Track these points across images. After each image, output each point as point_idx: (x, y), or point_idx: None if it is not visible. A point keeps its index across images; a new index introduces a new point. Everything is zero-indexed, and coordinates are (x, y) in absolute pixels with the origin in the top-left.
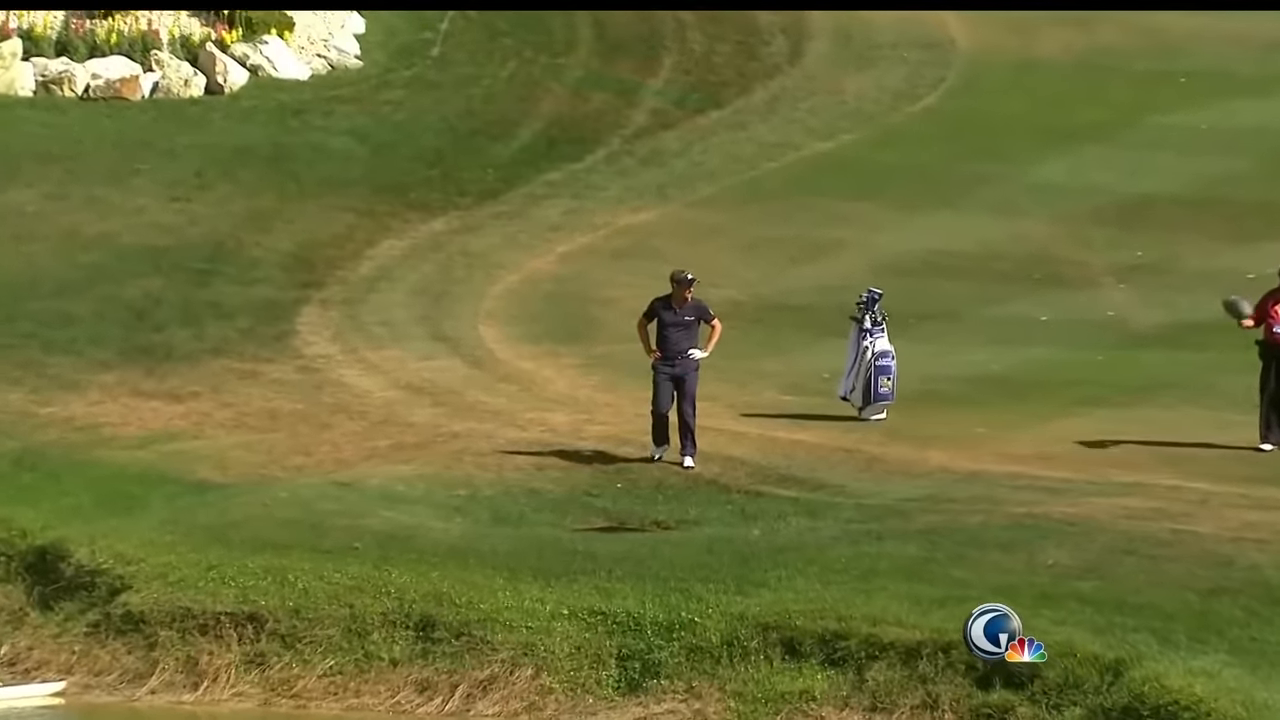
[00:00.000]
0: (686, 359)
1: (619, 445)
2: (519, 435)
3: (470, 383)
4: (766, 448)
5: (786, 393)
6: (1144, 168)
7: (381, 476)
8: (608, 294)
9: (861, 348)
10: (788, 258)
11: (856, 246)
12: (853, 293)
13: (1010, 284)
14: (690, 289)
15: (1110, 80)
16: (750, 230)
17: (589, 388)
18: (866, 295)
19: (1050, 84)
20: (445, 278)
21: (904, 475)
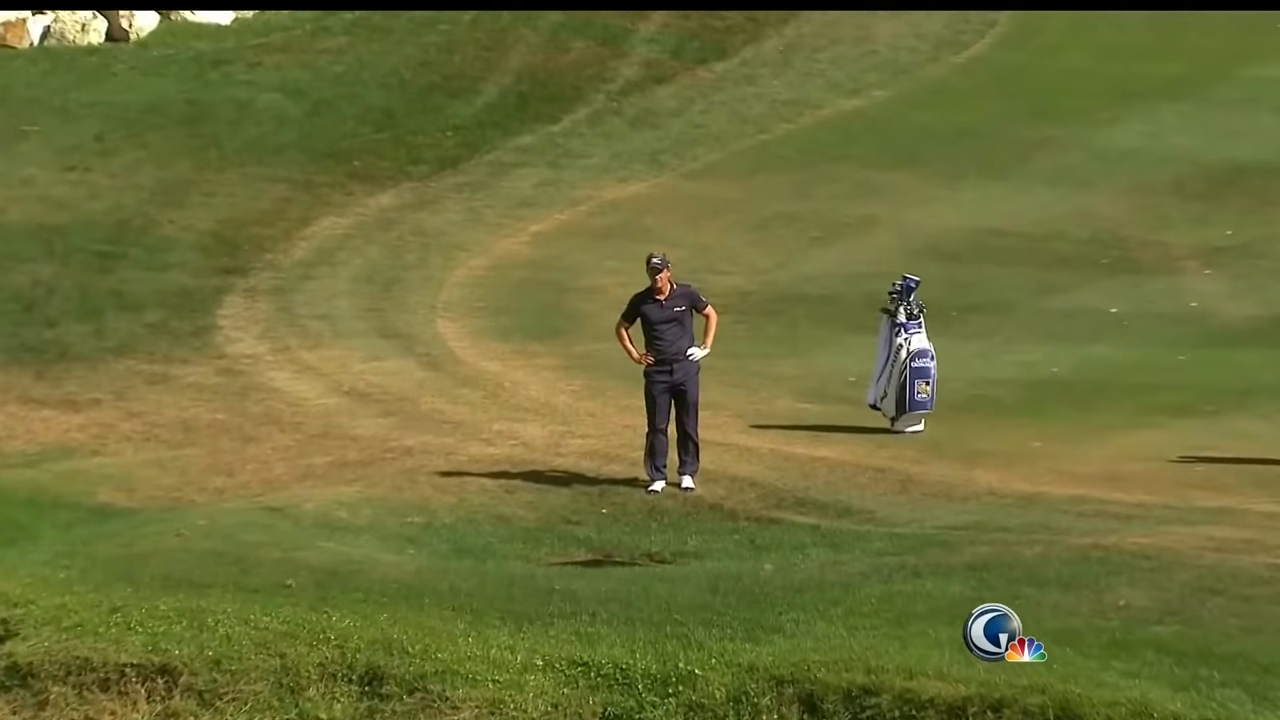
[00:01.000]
0: (686, 361)
1: (604, 463)
2: (484, 451)
3: (426, 388)
4: (781, 466)
5: (805, 400)
6: (1234, 130)
7: (319, 500)
8: (590, 282)
9: (894, 346)
10: (806, 238)
11: (889, 225)
12: (884, 280)
13: (1073, 270)
14: (667, 274)
15: (1191, 27)
16: (761, 205)
17: (568, 394)
18: (901, 283)
19: (1120, 32)
20: (396, 262)
21: (945, 499)
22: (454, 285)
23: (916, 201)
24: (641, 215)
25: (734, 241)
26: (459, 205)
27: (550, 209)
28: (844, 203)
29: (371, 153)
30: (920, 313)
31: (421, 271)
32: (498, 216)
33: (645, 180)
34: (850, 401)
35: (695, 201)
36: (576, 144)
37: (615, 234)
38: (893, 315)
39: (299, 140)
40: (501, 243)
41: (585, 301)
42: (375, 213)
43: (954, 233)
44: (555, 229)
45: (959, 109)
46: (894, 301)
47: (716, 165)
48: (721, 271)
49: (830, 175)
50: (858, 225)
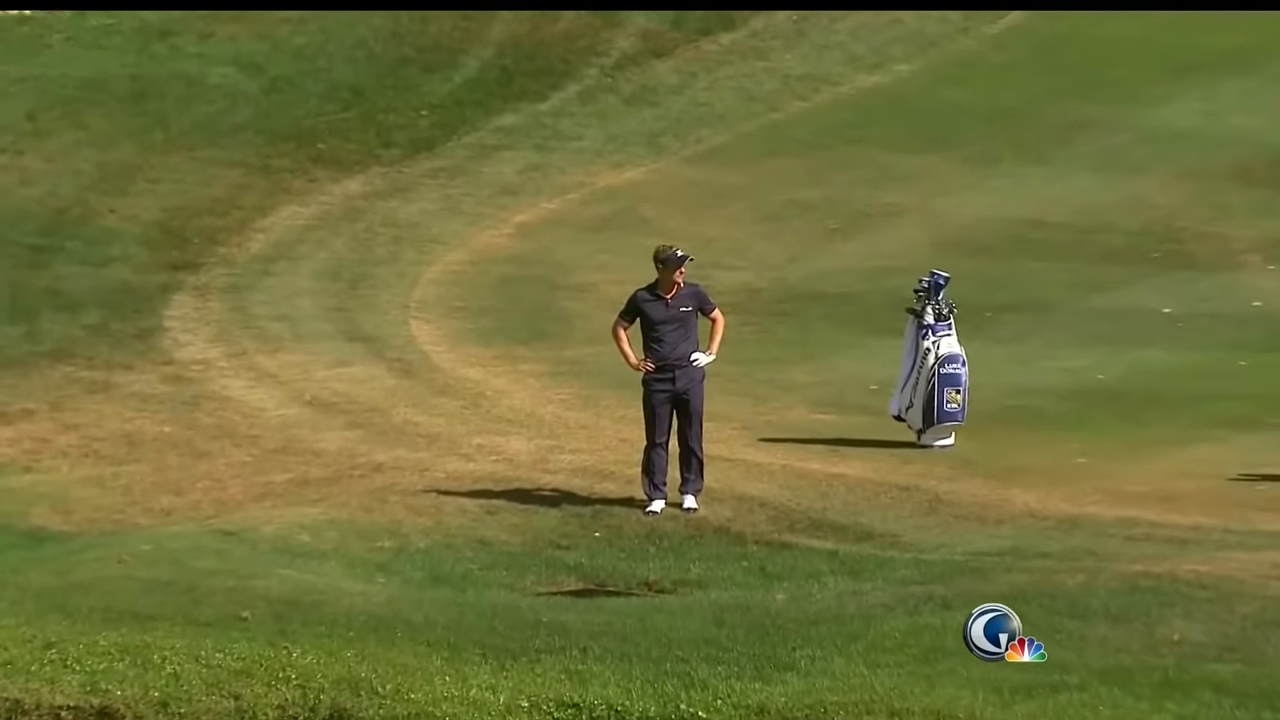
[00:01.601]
0: (690, 367)
1: (597, 481)
2: (463, 467)
3: (398, 397)
4: (794, 484)
5: (820, 410)
6: None
7: (278, 523)
8: (581, 278)
9: (922, 350)
10: (822, 230)
11: (915, 215)
12: (910, 277)
13: (1122, 265)
14: (682, 271)
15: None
16: (772, 193)
17: (557, 404)
18: (929, 280)
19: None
20: (364, 256)
21: (978, 521)
22: (429, 282)
23: (946, 189)
24: (639, 204)
25: (741, 233)
26: (435, 193)
27: (537, 197)
28: (864, 190)
29: (337, 134)
30: (950, 313)
31: (393, 267)
32: (478, 206)
33: (643, 165)
34: (872, 412)
35: (698, 189)
36: (566, 125)
37: (609, 225)
38: (919, 316)
39: (255, 120)
40: (482, 235)
41: (576, 301)
42: (341, 201)
43: (988, 223)
44: (542, 220)
45: (993, 85)
46: (921, 300)
47: (722, 148)
48: (728, 267)
49: (849, 159)
50: (880, 215)
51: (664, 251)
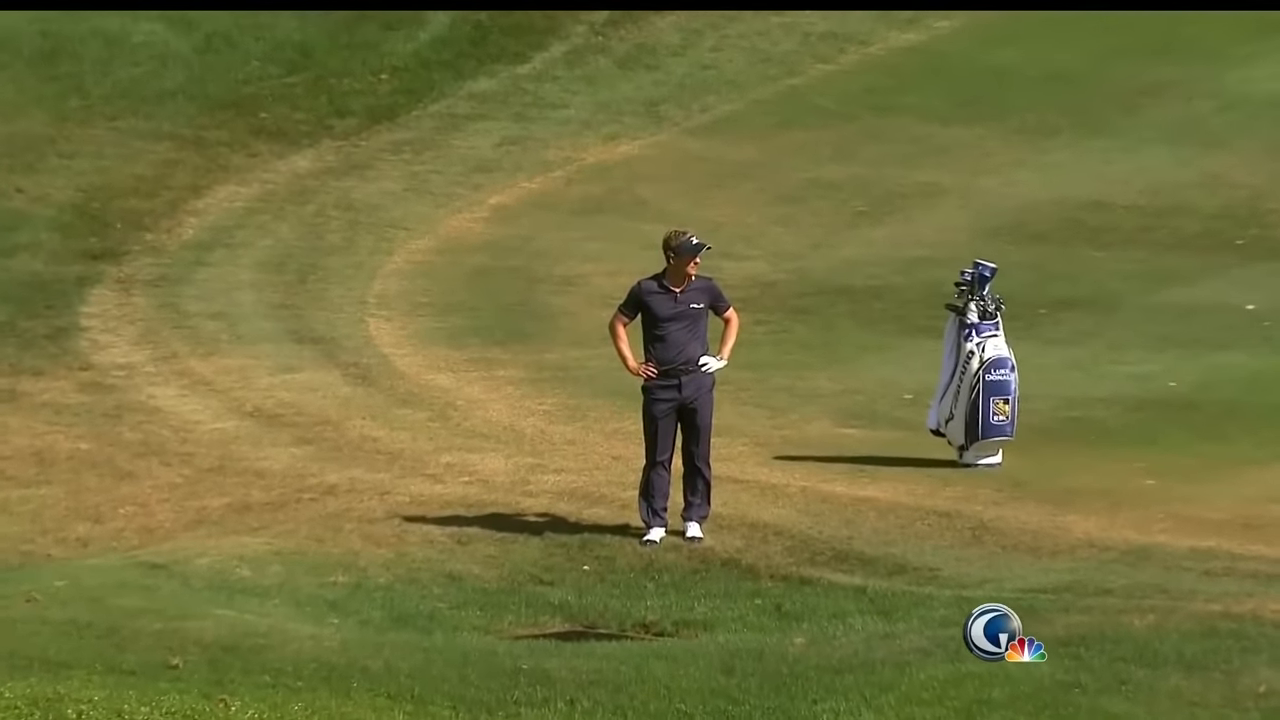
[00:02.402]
0: (698, 373)
1: (586, 505)
2: (430, 490)
3: (354, 408)
4: (816, 509)
5: (846, 423)
6: None
7: (214, 554)
8: (568, 270)
9: (964, 353)
10: (849, 213)
11: (956, 195)
12: (950, 268)
13: (1198, 253)
14: (697, 263)
15: None
16: (790, 171)
17: (539, 415)
18: (972, 271)
19: None
20: (315, 244)
21: (1030, 552)
22: (390, 274)
23: (992, 165)
24: (634, 183)
25: (754, 217)
26: (397, 170)
27: (516, 175)
28: (897, 167)
29: (282, 101)
30: (997, 310)
31: (348, 257)
32: (447, 185)
33: (639, 138)
34: (906, 426)
35: (704, 166)
36: (550, 91)
37: (600, 208)
38: (961, 313)
39: (187, 85)
40: (452, 219)
41: (561, 295)
42: (288, 180)
43: (1042, 206)
44: (522, 201)
45: (1048, 44)
46: (963, 295)
47: (732, 119)
48: (739, 256)
49: (879, 131)
50: (915, 196)
51: (677, 238)
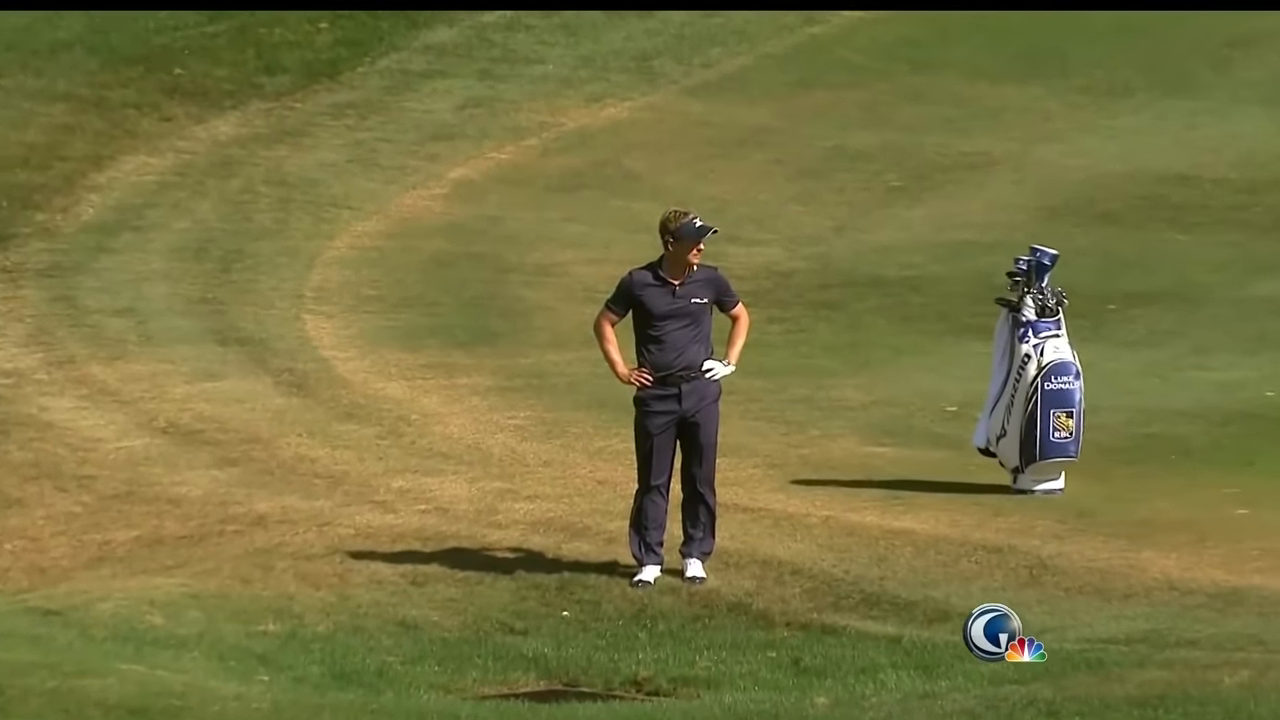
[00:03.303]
0: (701, 381)
1: (566, 539)
2: (380, 521)
3: (288, 423)
4: (841, 544)
5: (877, 440)
6: None
7: (120, 598)
8: (543, 257)
9: (1019, 357)
10: (881, 189)
11: (1011, 167)
12: (1003, 255)
13: None
14: (700, 249)
15: None
16: (810, 138)
17: (510, 431)
18: (1029, 259)
19: None
20: (241, 226)
21: (1098, 595)
22: (331, 263)
23: (1053, 132)
24: (623, 153)
25: (767, 194)
26: (339, 138)
27: (481, 144)
28: (939, 134)
29: (201, 55)
30: (1059, 305)
31: (281, 241)
32: (400, 155)
33: (629, 99)
34: (948, 443)
35: (707, 132)
36: (522, 43)
37: (583, 183)
38: (1016, 309)
39: (86, 36)
40: (405, 197)
41: (535, 288)
42: (208, 149)
43: (1112, 180)
44: (489, 175)
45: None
46: (1018, 288)
47: (740, 76)
48: (748, 241)
49: (918, 90)
50: (961, 169)
51: (677, 220)
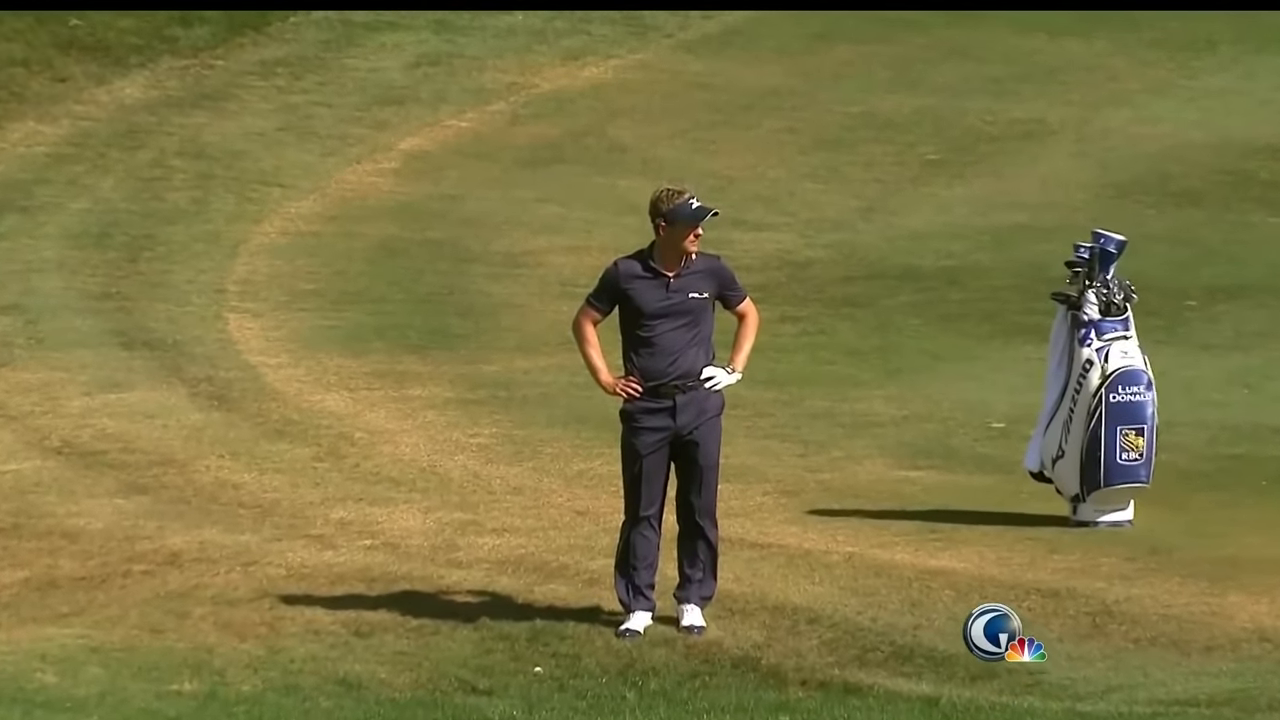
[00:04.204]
0: (699, 390)
1: (539, 580)
2: (317, 559)
3: (207, 442)
4: (867, 586)
5: (911, 462)
6: None
7: (6, 651)
8: (512, 244)
9: (1080, 363)
10: (915, 162)
11: (1071, 136)
12: (1060, 241)
13: None
14: (699, 234)
15: None
16: (831, 102)
17: (471, 452)
18: (1092, 246)
19: None
20: (151, 207)
21: (1175, 648)
22: (259, 251)
23: (1121, 94)
24: (607, 120)
25: (779, 170)
26: (267, 102)
27: (437, 110)
28: (984, 97)
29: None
30: (1127, 302)
31: (199, 225)
32: (340, 123)
33: (614, 56)
34: (995, 467)
35: (707, 96)
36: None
37: (560, 155)
38: (1076, 306)
39: None
40: (348, 173)
41: (502, 281)
42: (111, 115)
43: (1192, 151)
44: (447, 147)
45: None
46: (1078, 281)
47: (747, 29)
48: (757, 225)
49: (959, 46)
50: (1011, 138)
51: (671, 200)
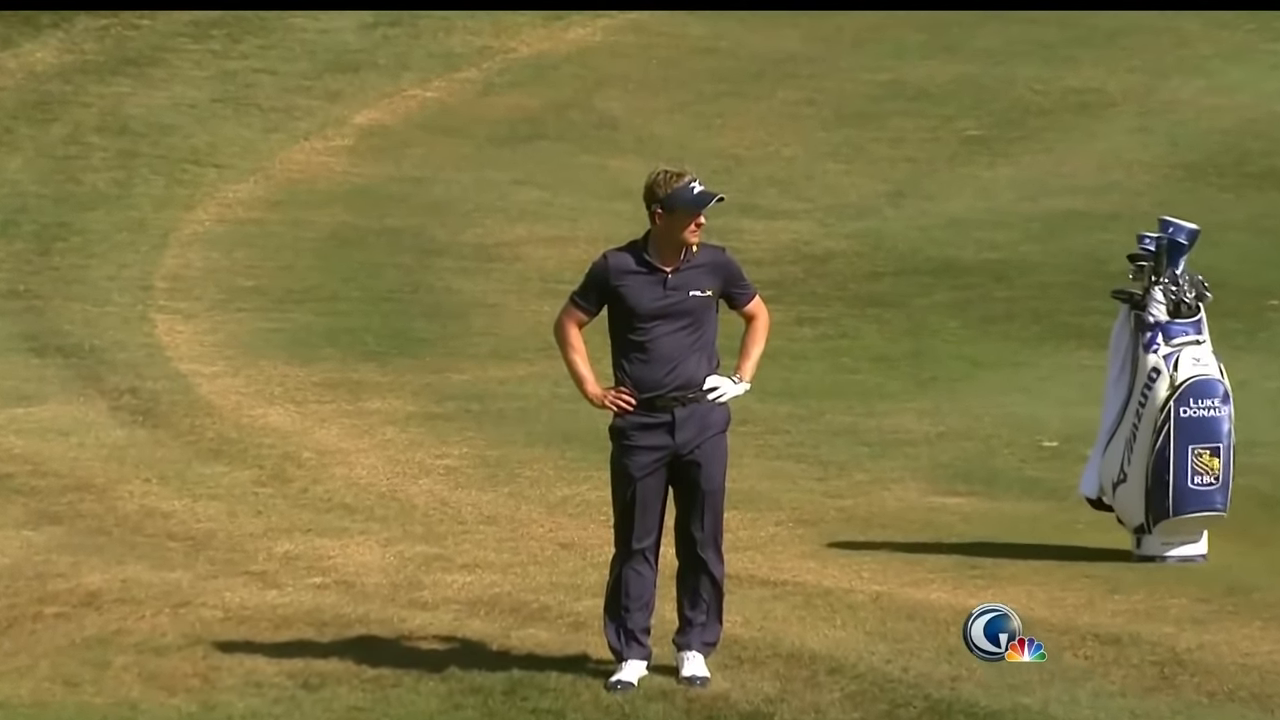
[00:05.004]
0: (700, 403)
1: (516, 623)
2: (260, 599)
3: (131, 462)
4: (898, 631)
5: (948, 487)
6: None
7: None
8: (484, 234)
9: (1144, 372)
10: (953, 139)
11: (1133, 109)
12: (1121, 231)
13: None
14: (701, 223)
15: None
16: (853, 71)
17: (438, 475)
18: (1160, 235)
19: None
20: (66, 190)
21: (1255, 702)
22: (192, 242)
23: (1192, 61)
24: (595, 90)
25: (796, 148)
26: (202, 69)
27: (399, 78)
28: (1032, 63)
29: None
30: (1200, 301)
31: (121, 211)
32: (285, 93)
33: (603, 16)
34: (1046, 492)
35: (711, 62)
36: None
37: (540, 131)
38: (1140, 307)
39: None
40: (295, 151)
41: (473, 277)
42: (19, 84)
43: (1273, 127)
44: (409, 121)
45: None
46: (1143, 276)
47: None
48: (769, 212)
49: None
50: (1064, 111)
51: (668, 183)
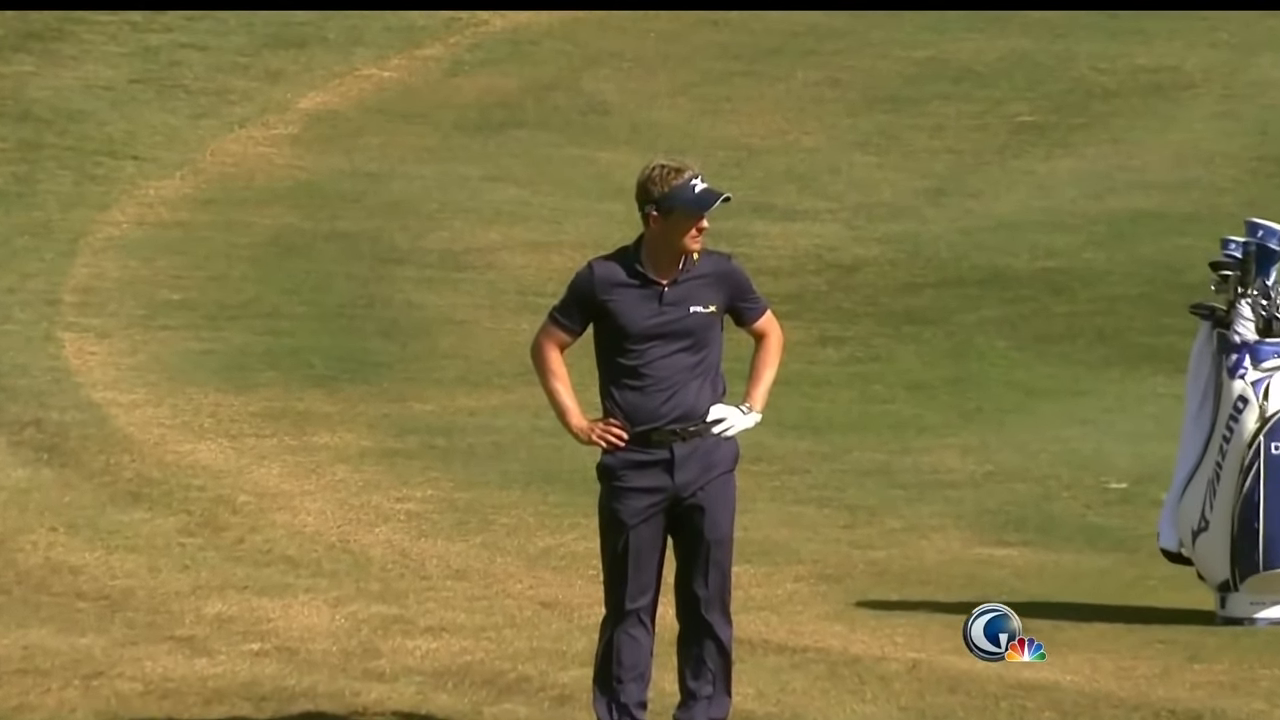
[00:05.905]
0: (703, 437)
1: (490, 697)
2: (187, 669)
3: (34, 508)
4: (939, 706)
5: (993, 537)
6: None
7: None
8: (453, 238)
9: (1231, 401)
10: (1004, 128)
11: (1215, 93)
12: (1202, 235)
13: None
14: (703, 227)
15: None
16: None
17: (399, 522)
18: (1248, 240)
19: None
20: None
21: None
22: (107, 248)
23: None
24: (582, 70)
25: (817, 138)
26: (119, 45)
27: (350, 55)
28: (1097, 40)
29: None
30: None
31: (23, 211)
32: (217, 73)
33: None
34: (1113, 542)
35: (718, 37)
36: None
37: (516, 118)
38: (1224, 325)
39: None
40: (228, 140)
41: (438, 289)
42: None
43: None
44: (363, 106)
45: None
46: (1227, 288)
47: None
48: (787, 213)
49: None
50: (1133, 95)
51: (666, 180)
